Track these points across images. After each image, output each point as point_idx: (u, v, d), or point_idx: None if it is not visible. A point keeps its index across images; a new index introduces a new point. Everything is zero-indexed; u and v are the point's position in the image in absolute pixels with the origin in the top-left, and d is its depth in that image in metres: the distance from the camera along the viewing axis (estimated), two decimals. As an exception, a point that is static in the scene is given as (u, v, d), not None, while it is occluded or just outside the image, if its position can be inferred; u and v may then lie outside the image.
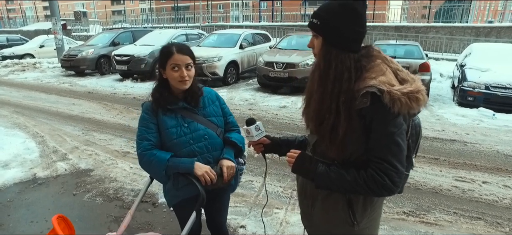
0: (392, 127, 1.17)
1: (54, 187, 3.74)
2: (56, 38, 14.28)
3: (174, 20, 25.80)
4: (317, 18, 1.24)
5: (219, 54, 9.60)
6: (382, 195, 1.23)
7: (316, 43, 1.28)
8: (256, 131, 1.56)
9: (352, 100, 1.19)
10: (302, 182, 1.50)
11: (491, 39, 14.45)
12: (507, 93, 6.97)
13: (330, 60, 1.22)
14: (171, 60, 1.66)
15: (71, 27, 25.28)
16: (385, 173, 1.17)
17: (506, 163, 4.44)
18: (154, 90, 1.77)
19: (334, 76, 1.21)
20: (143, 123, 1.75)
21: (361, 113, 1.18)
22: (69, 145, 5.05)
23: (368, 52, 1.27)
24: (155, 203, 3.35)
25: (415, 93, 1.16)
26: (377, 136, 1.17)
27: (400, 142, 1.18)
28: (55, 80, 11.31)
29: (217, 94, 1.95)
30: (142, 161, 1.72)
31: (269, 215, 3.14)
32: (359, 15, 1.21)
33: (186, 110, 1.76)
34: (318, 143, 1.34)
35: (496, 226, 3.03)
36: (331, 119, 1.22)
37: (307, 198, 1.46)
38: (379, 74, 1.20)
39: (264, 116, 6.68)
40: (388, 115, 1.15)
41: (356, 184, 1.21)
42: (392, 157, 1.17)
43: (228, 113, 1.94)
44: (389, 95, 1.13)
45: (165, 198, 1.89)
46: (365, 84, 1.18)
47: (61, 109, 7.28)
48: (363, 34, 1.24)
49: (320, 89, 1.25)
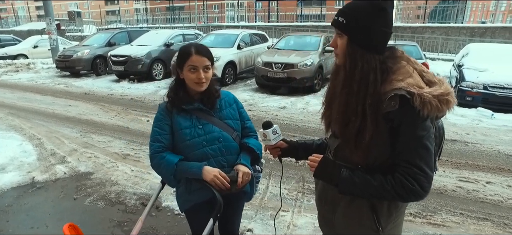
0: (421, 130, 1.13)
1: (54, 191, 3.66)
2: (50, 39, 14.10)
3: (169, 21, 25.66)
4: (344, 16, 1.20)
5: (217, 55, 9.52)
6: (410, 200, 1.19)
7: (340, 43, 1.23)
8: (274, 134, 1.51)
9: (379, 103, 1.15)
10: (322, 187, 1.46)
11: (486, 39, 14.59)
12: (505, 93, 7.02)
13: (356, 60, 1.18)
14: (189, 61, 1.62)
15: (65, 27, 25.03)
16: (414, 178, 1.13)
17: (508, 163, 4.45)
18: (169, 90, 1.74)
19: (360, 77, 1.17)
20: (157, 124, 1.72)
21: (389, 117, 1.14)
22: (67, 147, 4.96)
23: (393, 53, 1.24)
24: (158, 206, 3.29)
25: (446, 95, 1.13)
26: (406, 140, 1.14)
27: (428, 146, 1.14)
28: (50, 81, 11.15)
29: (235, 98, 1.90)
30: (152, 163, 1.70)
31: (276, 218, 3.09)
32: (388, 16, 1.17)
33: (201, 111, 1.72)
34: (341, 147, 1.30)
35: (503, 227, 3.02)
36: (357, 121, 1.18)
37: (328, 203, 1.42)
38: (406, 76, 1.17)
39: (264, 117, 6.64)
40: (417, 118, 1.12)
41: (383, 190, 1.17)
42: (421, 161, 1.13)
43: (246, 118, 1.89)
44: (420, 98, 1.09)
45: (177, 202, 1.84)
46: (393, 87, 1.14)
47: (57, 111, 7.16)
48: (390, 36, 1.21)
49: (345, 90, 1.21)
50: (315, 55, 8.87)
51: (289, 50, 9.61)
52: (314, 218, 3.05)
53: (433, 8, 20.62)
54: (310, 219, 3.05)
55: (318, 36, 10.07)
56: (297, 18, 23.02)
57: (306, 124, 6.19)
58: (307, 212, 3.19)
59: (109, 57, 11.01)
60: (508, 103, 6.97)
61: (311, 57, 8.70)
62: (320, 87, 9.22)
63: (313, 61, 8.62)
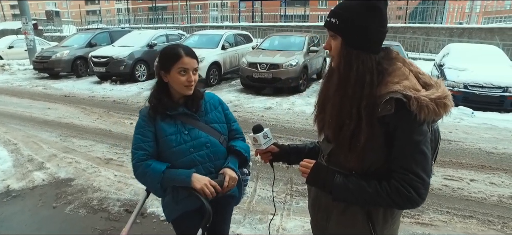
0: (418, 135, 1.09)
1: (31, 199, 3.48)
2: (27, 39, 13.60)
3: (152, 21, 25.23)
4: (336, 17, 1.15)
5: (201, 55, 9.39)
6: (407, 208, 1.16)
7: (334, 45, 1.19)
8: (264, 138, 1.45)
9: (374, 106, 1.11)
10: (315, 194, 1.41)
11: (463, 39, 15.03)
12: (484, 92, 7.22)
13: (351, 62, 1.13)
14: (179, 63, 1.54)
15: (43, 27, 24.21)
16: (410, 185, 1.09)
17: (489, 160, 4.56)
18: (151, 95, 1.64)
19: (355, 79, 1.13)
20: (139, 130, 1.62)
21: (384, 120, 1.10)
22: (46, 152, 4.76)
23: (388, 54, 1.20)
24: (143, 213, 3.18)
25: (443, 99, 1.09)
26: (402, 145, 1.10)
27: (425, 151, 1.11)
28: (27, 83, 10.73)
29: (220, 100, 1.83)
30: (136, 172, 1.59)
31: (264, 222, 3.04)
32: (382, 15, 1.13)
33: (186, 116, 1.64)
34: (334, 152, 1.26)
35: (488, 224, 3.08)
36: (352, 125, 1.13)
37: (322, 210, 1.37)
38: (402, 78, 1.13)
39: (250, 118, 6.59)
40: (414, 123, 1.08)
41: (378, 197, 1.13)
42: (418, 167, 1.09)
43: (232, 120, 1.82)
44: (417, 102, 1.05)
45: (164, 212, 1.75)
46: (388, 90, 1.10)
47: (35, 114, 6.88)
48: (385, 35, 1.17)
49: (339, 93, 1.17)
50: (300, 56, 8.88)
51: (274, 50, 9.59)
52: (304, 221, 3.02)
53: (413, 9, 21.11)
54: (299, 222, 3.02)
55: (302, 36, 10.10)
56: (281, 18, 23.07)
57: (292, 125, 6.17)
58: (296, 215, 3.15)
59: (90, 58, 10.71)
60: (487, 102, 7.19)
61: (296, 58, 8.70)
62: (305, 88, 9.24)
63: (298, 62, 8.62)
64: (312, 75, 10.13)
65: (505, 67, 8.09)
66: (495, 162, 4.49)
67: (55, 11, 25.93)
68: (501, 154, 4.79)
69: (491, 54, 8.81)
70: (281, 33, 12.00)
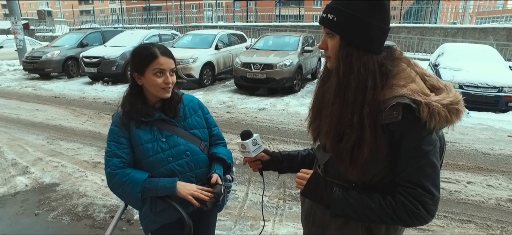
0: (427, 145, 0.97)
1: (12, 206, 3.32)
2: (16, 39, 13.34)
3: (146, 21, 24.99)
4: (333, 12, 1.02)
5: (194, 56, 9.29)
6: (413, 225, 1.03)
7: (330, 44, 1.05)
8: (254, 145, 1.32)
9: (378, 113, 0.98)
10: (309, 206, 1.28)
11: (458, 39, 15.04)
12: (479, 92, 7.17)
13: (352, 64, 1.00)
14: (154, 64, 1.41)
15: (35, 27, 23.86)
16: (418, 200, 0.97)
17: (486, 162, 4.48)
18: (124, 100, 1.51)
19: (356, 83, 1.00)
20: (112, 137, 1.48)
21: (388, 128, 0.98)
22: (32, 156, 4.59)
23: (391, 54, 1.07)
24: (130, 220, 3.05)
25: (455, 104, 0.97)
26: (409, 156, 0.98)
27: (435, 162, 0.99)
28: (17, 84, 10.51)
29: (200, 103, 1.71)
30: (112, 181, 1.44)
31: (256, 228, 2.93)
32: (385, 10, 1.01)
33: (163, 122, 1.51)
34: (332, 162, 1.13)
35: (486, 229, 2.99)
36: (353, 135, 1.00)
37: (316, 226, 1.24)
38: (409, 81, 1.01)
39: (243, 119, 6.47)
40: (423, 131, 0.96)
41: (382, 213, 1.01)
42: (427, 181, 0.97)
43: (212, 124, 1.70)
44: (428, 108, 0.93)
45: (141, 223, 1.62)
46: (394, 94, 0.98)
47: (22, 116, 6.69)
48: (387, 34, 1.05)
49: (338, 101, 1.03)
50: (294, 56, 8.77)
51: (268, 50, 9.47)
52: (297, 228, 2.91)
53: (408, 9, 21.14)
54: (292, 228, 2.90)
55: (297, 36, 10.00)
56: (276, 18, 22.97)
57: (286, 126, 6.06)
58: (289, 221, 3.04)
59: (82, 58, 10.51)
60: (482, 102, 7.13)
61: (290, 58, 8.59)
62: (300, 88, 9.15)
63: (292, 62, 8.52)
64: (306, 76, 10.03)
65: (500, 67, 8.06)
66: (492, 164, 4.41)
67: (47, 11, 25.54)
68: (498, 155, 4.72)
69: (485, 54, 8.78)
70: (275, 33, 11.90)
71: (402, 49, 7.42)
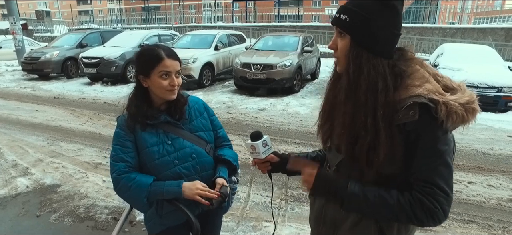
0: (443, 145, 0.97)
1: (13, 208, 3.31)
2: (15, 39, 13.29)
3: (144, 21, 24.97)
4: (347, 13, 1.03)
5: (194, 56, 9.28)
6: (428, 225, 1.02)
7: (341, 45, 1.06)
8: (264, 147, 1.30)
9: (393, 113, 0.99)
10: (320, 206, 1.27)
11: (456, 40, 15.08)
12: (479, 92, 7.15)
13: (361, 65, 1.01)
14: (160, 66, 1.41)
15: (33, 28, 23.81)
16: (436, 199, 0.97)
17: (486, 162, 4.50)
18: (129, 103, 1.50)
19: (366, 85, 1.00)
20: (118, 141, 1.47)
21: (405, 128, 0.98)
22: (32, 157, 4.58)
23: (404, 55, 1.08)
24: (132, 221, 3.04)
25: (472, 104, 0.98)
26: (425, 156, 0.98)
27: (450, 163, 0.99)
28: (15, 84, 10.48)
29: (205, 105, 1.70)
30: (118, 186, 1.44)
31: (259, 229, 2.93)
32: (398, 16, 1.02)
33: (169, 124, 1.50)
34: (344, 164, 1.13)
35: (488, 229, 3.00)
36: (368, 137, 1.00)
37: (327, 225, 1.23)
38: (423, 81, 1.01)
39: (243, 120, 6.47)
40: (439, 130, 0.97)
41: (401, 210, 1.00)
42: (442, 180, 0.98)
43: (218, 126, 1.70)
44: (445, 107, 0.94)
45: (146, 225, 1.62)
46: (410, 94, 0.99)
47: (22, 117, 6.67)
48: (398, 39, 1.06)
49: (350, 102, 1.04)
50: (294, 56, 8.78)
51: (268, 50, 9.47)
52: (300, 228, 2.91)
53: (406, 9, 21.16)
54: (295, 229, 2.90)
55: (296, 37, 10.00)
56: (275, 18, 22.99)
57: (286, 126, 6.06)
58: (292, 222, 3.04)
59: (81, 59, 10.49)
60: (481, 102, 6.99)
61: (290, 58, 8.60)
62: (300, 88, 9.15)
63: (292, 62, 8.52)
64: (306, 76, 10.04)
65: (499, 67, 8.08)
66: (492, 163, 4.43)
67: (46, 11, 25.50)
68: (498, 155, 4.74)
69: (485, 54, 8.80)
70: (275, 33, 11.89)
71: (402, 50, 7.23)
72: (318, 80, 10.72)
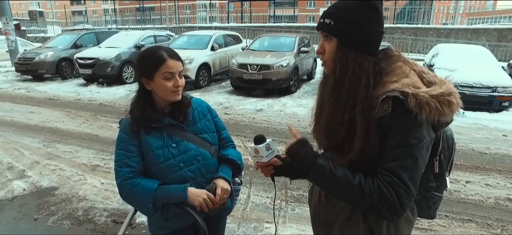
0: (413, 138, 0.98)
1: (10, 211, 3.26)
2: (8, 40, 13.15)
3: (139, 22, 24.83)
4: (330, 17, 1.08)
5: (190, 57, 9.24)
6: (383, 216, 1.01)
7: (328, 48, 1.11)
8: (267, 150, 1.29)
9: (371, 109, 1.02)
10: (314, 208, 1.32)
11: (450, 40, 15.23)
12: (474, 92, 7.26)
13: (347, 65, 1.06)
14: (163, 67, 1.39)
15: (26, 28, 23.57)
16: (393, 189, 0.97)
17: (483, 161, 4.54)
18: (132, 106, 1.48)
19: (349, 83, 1.05)
20: (121, 145, 1.45)
21: (381, 123, 1.00)
22: (28, 159, 4.52)
23: (387, 54, 1.13)
24: (132, 223, 3.02)
25: (447, 96, 0.99)
26: (393, 145, 0.99)
27: (418, 157, 0.99)
28: (9, 85, 10.35)
29: (209, 106, 1.69)
30: (123, 192, 1.42)
31: (260, 231, 2.92)
32: (379, 14, 1.08)
33: (173, 127, 1.48)
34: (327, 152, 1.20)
35: (487, 228, 3.02)
36: (343, 131, 1.07)
37: (322, 226, 1.29)
38: (402, 76, 1.04)
39: (241, 121, 6.46)
40: (410, 123, 0.98)
41: (360, 192, 1.01)
42: (404, 173, 0.98)
43: (222, 128, 1.69)
44: (415, 99, 0.96)
45: (150, 228, 1.60)
46: (386, 89, 1.01)
47: (17, 119, 6.59)
48: (382, 36, 1.10)
49: (332, 100, 1.10)
50: (290, 56, 8.79)
51: (264, 51, 9.47)
52: (300, 229, 2.91)
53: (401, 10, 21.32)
54: (296, 230, 2.91)
55: (292, 37, 10.01)
56: (270, 19, 23.01)
57: (284, 127, 6.06)
58: (292, 222, 3.04)
59: (76, 59, 10.39)
60: (476, 102, 7.23)
61: (286, 58, 8.60)
62: (296, 89, 9.16)
63: (288, 62, 8.53)
64: (302, 76, 10.06)
65: (493, 67, 8.17)
66: (489, 163, 4.47)
67: (39, 11, 25.25)
68: (494, 154, 4.79)
69: (479, 54, 8.90)
70: (271, 34, 11.90)
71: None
72: (315, 81, 10.74)
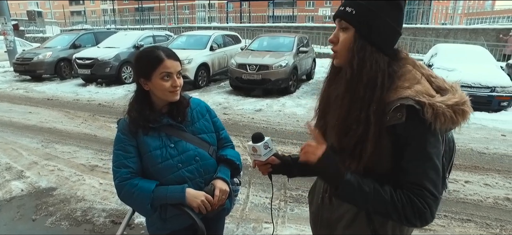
0: (432, 147, 0.97)
1: (8, 212, 3.25)
2: (6, 40, 13.11)
3: (138, 22, 24.80)
4: (353, 6, 1.03)
5: (189, 57, 9.23)
6: (416, 225, 1.01)
7: (343, 38, 1.05)
8: (265, 149, 1.28)
9: (383, 114, 0.99)
10: (316, 207, 1.28)
11: (449, 40, 15.26)
12: (473, 92, 7.26)
13: (365, 58, 1.01)
14: (161, 67, 1.38)
15: (24, 28, 23.51)
16: (425, 201, 0.97)
17: (482, 161, 4.54)
18: (130, 107, 1.47)
19: (367, 79, 1.00)
20: (119, 146, 1.44)
21: (394, 131, 0.98)
22: (26, 160, 4.50)
23: (397, 55, 1.08)
24: (130, 224, 3.01)
25: (461, 105, 0.97)
26: (414, 158, 0.98)
27: (438, 165, 0.99)
28: (7, 86, 10.32)
29: (208, 106, 1.68)
30: (121, 193, 1.42)
31: (259, 231, 2.92)
32: (402, 14, 1.04)
33: (171, 127, 1.48)
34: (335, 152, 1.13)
35: (486, 228, 3.02)
36: (359, 130, 1.01)
37: (324, 227, 1.25)
38: (414, 82, 1.01)
39: (240, 121, 6.45)
40: (428, 133, 0.97)
41: (393, 207, 0.98)
42: (430, 183, 0.97)
43: (220, 128, 1.68)
44: (432, 109, 0.94)
45: (148, 229, 1.60)
46: (398, 95, 0.98)
47: (15, 119, 6.56)
48: (399, 36, 1.07)
49: (349, 94, 1.04)
50: (289, 56, 8.78)
51: (263, 51, 9.47)
52: (299, 229, 2.90)
53: (400, 10, 21.32)
54: (295, 230, 2.90)
55: (292, 37, 10.01)
56: (269, 19, 23.01)
57: (283, 127, 6.06)
58: (291, 223, 3.03)
59: (74, 60, 10.36)
60: (475, 102, 7.21)
61: (285, 58, 8.60)
62: (295, 89, 9.16)
63: (287, 62, 8.52)
64: (301, 76, 10.05)
65: (492, 67, 8.18)
66: (488, 163, 4.48)
67: (37, 12, 25.19)
68: (493, 154, 4.79)
69: (478, 54, 8.91)
70: (270, 34, 11.90)
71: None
72: (314, 81, 10.73)
